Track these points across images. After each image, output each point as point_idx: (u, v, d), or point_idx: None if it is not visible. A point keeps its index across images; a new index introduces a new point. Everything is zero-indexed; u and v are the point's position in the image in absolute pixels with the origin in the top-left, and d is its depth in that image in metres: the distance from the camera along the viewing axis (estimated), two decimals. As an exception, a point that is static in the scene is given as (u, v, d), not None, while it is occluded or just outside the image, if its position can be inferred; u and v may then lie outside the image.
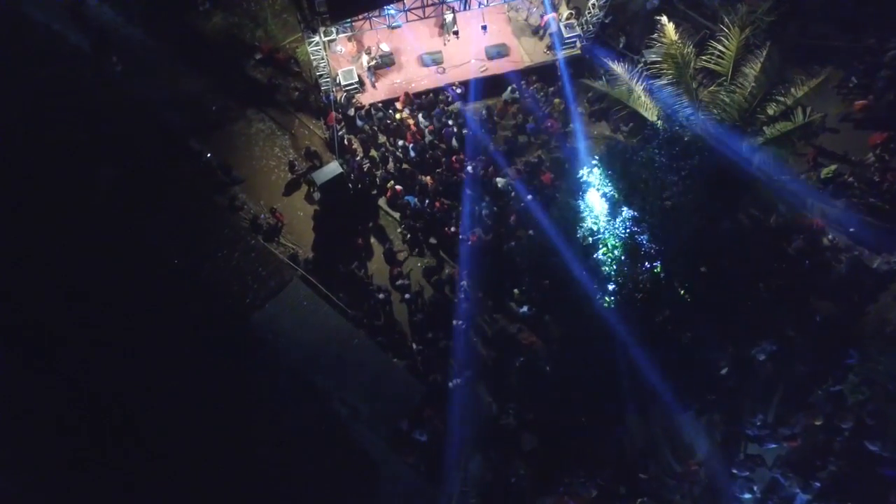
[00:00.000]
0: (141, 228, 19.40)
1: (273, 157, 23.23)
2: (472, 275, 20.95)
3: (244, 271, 19.52)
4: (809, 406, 19.51)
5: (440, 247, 21.90)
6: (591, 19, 21.93)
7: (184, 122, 22.82)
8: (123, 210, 19.67)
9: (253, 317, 18.89)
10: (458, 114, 21.85)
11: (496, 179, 21.09)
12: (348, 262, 21.42)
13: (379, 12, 18.38)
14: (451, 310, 20.71)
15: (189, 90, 23.34)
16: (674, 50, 17.45)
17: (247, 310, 18.96)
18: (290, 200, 22.78)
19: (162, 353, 17.27)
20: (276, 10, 24.31)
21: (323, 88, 21.44)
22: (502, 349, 20.58)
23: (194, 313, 18.34)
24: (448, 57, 22.50)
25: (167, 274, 18.84)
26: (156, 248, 19.17)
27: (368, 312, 20.70)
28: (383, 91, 22.22)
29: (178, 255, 19.22)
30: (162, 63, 23.47)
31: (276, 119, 23.41)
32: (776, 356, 19.28)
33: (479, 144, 21.47)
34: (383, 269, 21.86)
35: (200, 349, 17.68)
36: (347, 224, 21.97)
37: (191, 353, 17.56)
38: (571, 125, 22.63)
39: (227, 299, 19.01)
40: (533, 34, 22.96)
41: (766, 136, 17.10)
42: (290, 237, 22.38)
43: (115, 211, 19.59)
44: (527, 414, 19.58)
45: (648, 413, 20.12)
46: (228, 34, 23.98)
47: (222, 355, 17.69)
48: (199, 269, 19.25)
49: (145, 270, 18.57)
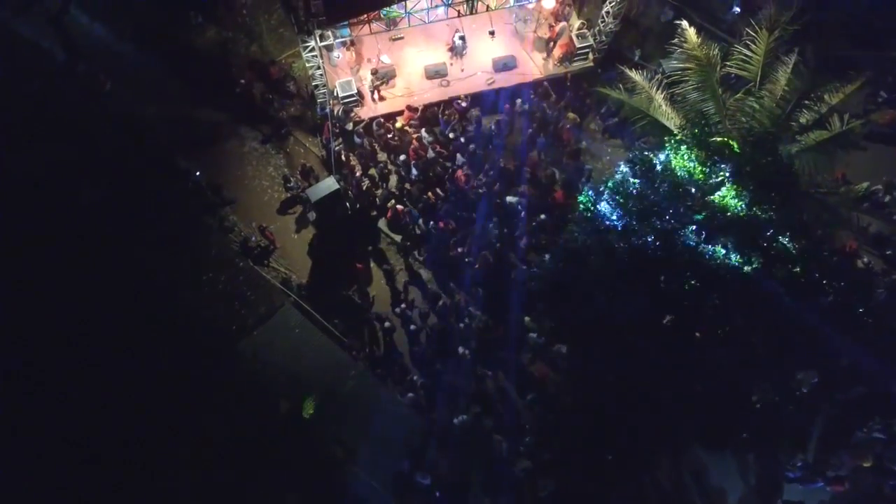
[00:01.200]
0: (123, 250, 18.08)
1: (266, 176, 21.93)
2: (480, 302, 19.35)
3: (231, 296, 17.98)
4: (855, 445, 17.57)
5: (445, 271, 20.28)
6: (604, 28, 20.71)
7: (172, 140, 21.60)
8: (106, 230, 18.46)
9: (240, 345, 17.25)
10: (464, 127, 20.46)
11: (506, 198, 19.54)
12: (345, 287, 19.83)
13: (379, 14, 17.07)
14: (457, 339, 19.04)
15: (179, 107, 22.39)
16: (698, 53, 16.14)
17: (233, 337, 17.32)
18: (284, 222, 21.39)
19: (141, 384, 15.94)
20: (271, 25, 23.28)
21: (319, 100, 20.09)
22: (514, 382, 18.75)
23: (176, 340, 16.76)
24: (453, 69, 21.24)
25: (148, 297, 17.35)
26: (138, 271, 17.74)
27: (366, 342, 19.02)
28: (384, 105, 20.90)
29: (161, 277, 17.70)
30: (152, 79, 22.58)
31: (271, 137, 22.14)
32: (817, 388, 17.44)
33: (486, 160, 20.02)
34: (383, 296, 20.26)
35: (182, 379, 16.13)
36: (345, 247, 20.44)
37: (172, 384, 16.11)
38: (584, 142, 21.31)
39: (213, 325, 17.42)
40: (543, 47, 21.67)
41: (801, 145, 15.72)
42: (282, 261, 20.91)
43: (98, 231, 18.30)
44: (542, 454, 17.66)
45: (675, 453, 18.26)
46: (222, 49, 22.89)
47: (204, 387, 16.12)
48: (182, 292, 17.68)
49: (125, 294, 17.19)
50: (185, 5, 22.76)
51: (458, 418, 17.79)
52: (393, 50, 21.28)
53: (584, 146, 21.37)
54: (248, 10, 23.36)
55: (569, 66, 21.37)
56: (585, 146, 21.43)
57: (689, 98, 16.35)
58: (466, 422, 17.80)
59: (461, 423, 17.78)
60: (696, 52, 16.12)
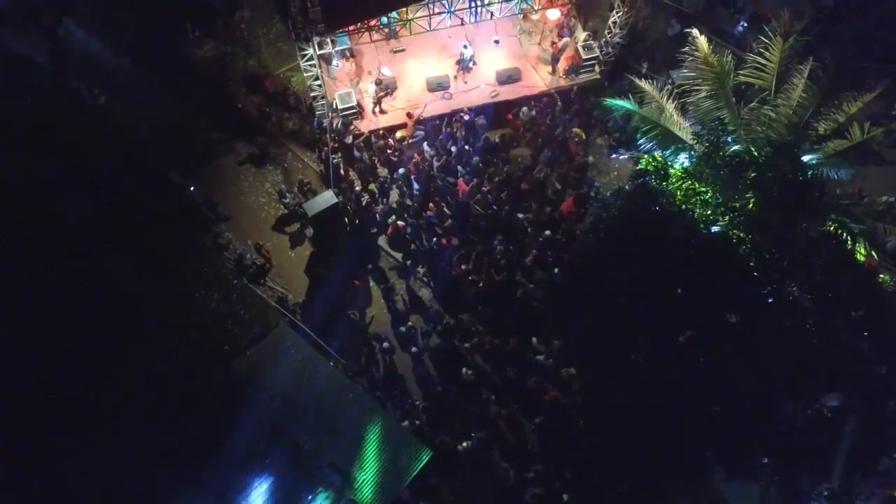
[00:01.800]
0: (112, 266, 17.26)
1: (263, 192, 21.26)
2: (484, 321, 18.50)
3: (224, 315, 17.03)
4: (884, 472, 16.55)
5: (448, 290, 19.45)
6: (611, 40, 20.18)
7: (167, 155, 20.93)
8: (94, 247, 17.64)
9: (232, 365, 16.31)
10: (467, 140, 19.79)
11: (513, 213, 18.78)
12: (344, 306, 18.96)
13: (378, 21, 16.50)
14: (460, 361, 18.14)
15: (175, 121, 21.81)
16: (711, 60, 15.56)
17: (225, 357, 16.39)
18: (281, 240, 20.65)
19: (130, 405, 15.07)
20: (270, 39, 22.80)
21: (317, 112, 19.46)
22: (521, 406, 17.81)
23: (166, 361, 15.87)
24: (456, 82, 20.66)
25: (137, 317, 16.50)
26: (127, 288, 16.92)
27: (365, 363, 18.11)
28: (384, 118, 20.27)
29: (150, 295, 16.86)
30: (148, 93, 22.07)
31: (268, 152, 21.51)
32: (842, 410, 16.49)
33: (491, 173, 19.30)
34: (383, 316, 19.41)
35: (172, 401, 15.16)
36: (343, 265, 19.61)
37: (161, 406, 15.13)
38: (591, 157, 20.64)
39: (204, 345, 16.50)
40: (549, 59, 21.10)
41: (820, 155, 15.06)
42: (279, 280, 20.13)
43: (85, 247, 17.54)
44: (552, 482, 16.64)
45: (692, 481, 17.22)
46: (219, 63, 22.37)
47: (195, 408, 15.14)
48: (173, 311, 16.81)
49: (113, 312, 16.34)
50: (182, 19, 22.30)
51: (463, 444, 16.83)
52: (394, 62, 20.71)
53: (591, 161, 20.71)
54: (246, 25, 22.90)
55: (575, 78, 20.79)
56: (592, 161, 20.77)
57: (703, 106, 15.75)
58: (471, 448, 16.84)
59: (465, 449, 16.82)
60: (710, 59, 15.56)
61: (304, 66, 17.11)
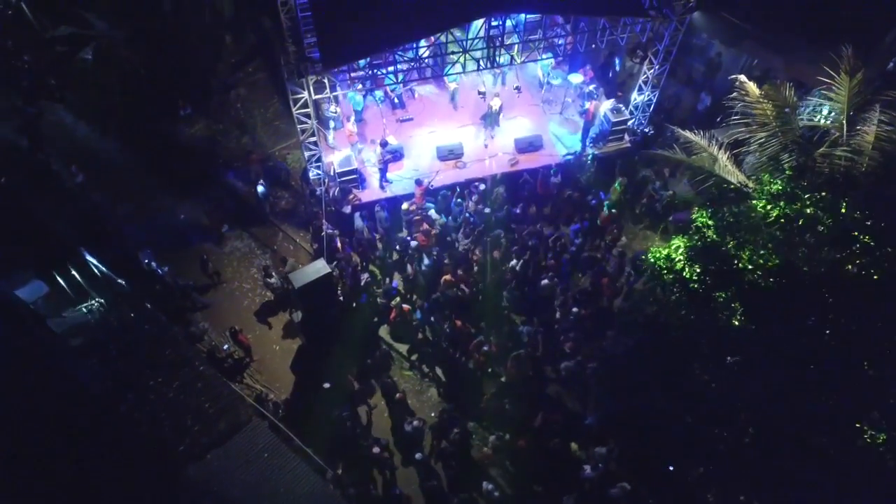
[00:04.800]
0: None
1: (248, 278, 18.56)
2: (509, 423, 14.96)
3: (183, 406, 13.59)
4: None
5: (463, 386, 16.05)
6: (636, 128, 18.47)
7: (144, 237, 18.44)
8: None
9: (188, 471, 12.63)
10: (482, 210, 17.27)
11: (541, 282, 15.77)
12: (333, 406, 15.44)
13: (384, 59, 14.52)
14: (479, 474, 14.41)
15: (158, 203, 19.74)
16: (772, 93, 13.43)
17: (180, 461, 12.75)
18: (264, 331, 17.56)
19: None
20: (266, 118, 21.22)
21: (312, 177, 17.07)
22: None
23: (106, 466, 12.20)
24: (469, 150, 18.52)
25: (77, 404, 13.02)
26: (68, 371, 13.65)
27: (357, 474, 14.30)
28: (389, 188, 17.86)
29: (93, 380, 13.54)
30: (131, 174, 20.14)
31: (256, 235, 19.07)
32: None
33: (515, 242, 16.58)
34: (380, 420, 15.86)
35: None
36: (336, 357, 16.36)
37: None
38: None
39: (155, 444, 12.93)
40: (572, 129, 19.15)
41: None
42: (259, 376, 16.82)
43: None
44: None
45: None
46: (210, 141, 20.55)
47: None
48: (119, 400, 13.39)
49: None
50: (175, 96, 20.80)
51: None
52: (401, 132, 18.73)
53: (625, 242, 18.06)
54: (242, 104, 21.37)
55: (602, 147, 18.64)
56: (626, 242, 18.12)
57: (768, 148, 13.37)
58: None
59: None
60: (771, 93, 13.40)
61: (298, 115, 14.89)
